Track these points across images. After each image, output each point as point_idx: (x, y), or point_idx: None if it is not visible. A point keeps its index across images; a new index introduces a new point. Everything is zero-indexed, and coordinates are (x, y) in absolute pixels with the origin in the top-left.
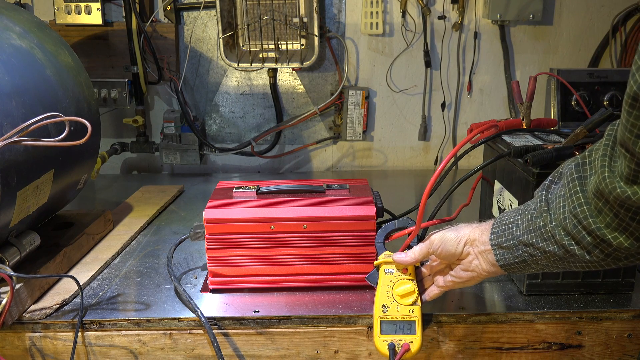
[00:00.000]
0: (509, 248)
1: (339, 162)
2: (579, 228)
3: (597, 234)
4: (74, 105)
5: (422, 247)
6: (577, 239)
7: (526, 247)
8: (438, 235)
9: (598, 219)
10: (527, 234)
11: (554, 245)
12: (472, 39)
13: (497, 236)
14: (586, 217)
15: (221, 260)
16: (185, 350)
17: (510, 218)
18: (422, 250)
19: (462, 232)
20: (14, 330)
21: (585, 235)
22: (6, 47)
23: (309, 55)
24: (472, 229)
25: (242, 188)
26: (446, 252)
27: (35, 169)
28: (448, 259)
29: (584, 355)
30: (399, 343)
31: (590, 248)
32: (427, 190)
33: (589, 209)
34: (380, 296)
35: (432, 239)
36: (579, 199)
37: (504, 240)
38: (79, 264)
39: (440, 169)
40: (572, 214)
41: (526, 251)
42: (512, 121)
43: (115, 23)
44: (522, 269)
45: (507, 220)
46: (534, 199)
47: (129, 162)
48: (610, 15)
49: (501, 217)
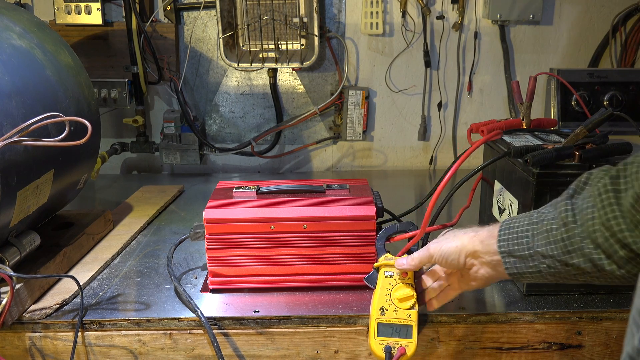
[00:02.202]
0: (523, 258)
1: (339, 162)
2: (611, 241)
3: (632, 248)
4: (74, 105)
5: (421, 256)
6: (608, 253)
7: (544, 258)
8: (437, 249)
9: (635, 232)
10: (546, 246)
11: (579, 259)
12: (472, 39)
13: (508, 244)
14: (621, 230)
15: (221, 260)
16: (185, 350)
17: (523, 226)
18: (421, 259)
19: (460, 241)
20: (14, 330)
21: (618, 249)
22: (6, 47)
23: (309, 55)
24: (469, 239)
25: (242, 188)
26: (449, 265)
27: (35, 169)
28: (453, 268)
29: (584, 355)
30: (395, 346)
31: (622, 263)
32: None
33: (625, 222)
34: (379, 298)
35: (432, 252)
36: (613, 211)
37: (516, 249)
38: (79, 264)
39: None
40: (605, 226)
41: (544, 262)
42: (512, 121)
43: (115, 23)
44: (535, 279)
45: (518, 227)
46: (551, 208)
47: (129, 162)
48: (610, 15)
49: (509, 224)
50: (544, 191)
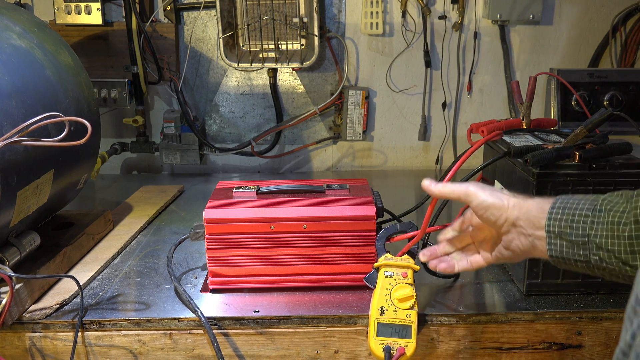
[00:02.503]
0: (574, 243)
1: (339, 162)
2: None
3: None
4: (74, 105)
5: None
6: None
7: (599, 250)
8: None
9: None
10: (609, 239)
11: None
12: (472, 39)
13: (560, 225)
14: None
15: (221, 260)
16: (185, 350)
17: (582, 210)
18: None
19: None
20: (14, 330)
21: None
22: (6, 47)
23: (309, 55)
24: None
25: (242, 188)
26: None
27: (35, 169)
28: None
29: (584, 355)
30: (394, 346)
31: None
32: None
33: None
34: (379, 298)
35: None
36: None
37: (568, 232)
38: (79, 264)
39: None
40: None
41: (597, 254)
42: (512, 121)
43: (115, 23)
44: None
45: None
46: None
47: (129, 162)
48: (610, 15)
49: (565, 203)
50: (544, 191)
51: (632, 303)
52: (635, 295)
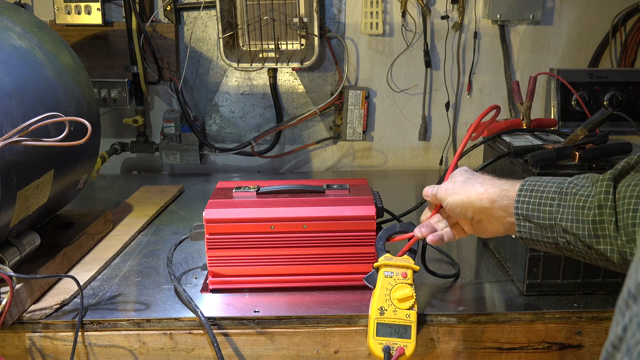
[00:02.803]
0: (542, 227)
1: (339, 162)
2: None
3: None
4: (74, 105)
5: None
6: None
7: (566, 234)
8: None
9: None
10: (573, 223)
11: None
12: (472, 39)
13: (527, 208)
14: None
15: (221, 260)
16: (185, 350)
17: (549, 193)
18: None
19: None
20: (14, 330)
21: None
22: (6, 47)
23: (309, 55)
24: (477, 195)
25: (242, 188)
26: (455, 216)
27: (35, 169)
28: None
29: (584, 355)
30: (394, 346)
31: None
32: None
33: None
34: (378, 298)
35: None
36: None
37: (535, 215)
38: (79, 264)
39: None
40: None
41: (564, 237)
42: (512, 121)
43: (115, 23)
44: (549, 249)
45: (542, 193)
46: (588, 182)
47: (129, 162)
48: (610, 15)
49: (531, 186)
50: None
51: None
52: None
